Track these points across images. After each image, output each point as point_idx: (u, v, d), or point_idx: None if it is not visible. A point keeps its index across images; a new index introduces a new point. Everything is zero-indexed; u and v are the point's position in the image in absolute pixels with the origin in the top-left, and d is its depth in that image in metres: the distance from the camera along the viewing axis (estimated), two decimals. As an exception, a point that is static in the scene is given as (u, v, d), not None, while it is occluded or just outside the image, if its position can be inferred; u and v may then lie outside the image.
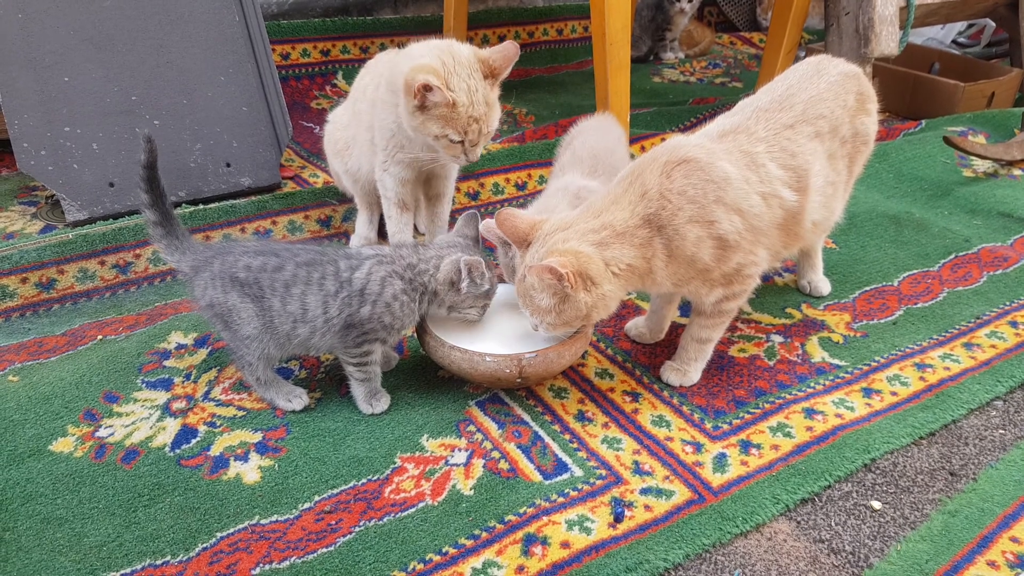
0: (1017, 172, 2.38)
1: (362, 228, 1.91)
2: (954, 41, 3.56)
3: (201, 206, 1.93)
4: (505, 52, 1.52)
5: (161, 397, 1.42)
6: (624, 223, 1.29)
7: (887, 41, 2.37)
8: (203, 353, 1.52)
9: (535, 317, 1.33)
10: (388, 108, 1.60)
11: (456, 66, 1.48)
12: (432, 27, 3.02)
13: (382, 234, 1.87)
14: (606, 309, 1.32)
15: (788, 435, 1.37)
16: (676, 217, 1.29)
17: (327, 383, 1.47)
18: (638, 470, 1.28)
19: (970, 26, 3.45)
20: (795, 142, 1.41)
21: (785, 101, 1.46)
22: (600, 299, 1.29)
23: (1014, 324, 1.68)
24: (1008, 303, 1.75)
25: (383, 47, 2.96)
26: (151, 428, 1.35)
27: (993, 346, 1.61)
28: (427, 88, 1.46)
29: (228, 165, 2.06)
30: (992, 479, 1.30)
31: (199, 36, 2.03)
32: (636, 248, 1.29)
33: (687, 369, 1.48)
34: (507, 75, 1.57)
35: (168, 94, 1.99)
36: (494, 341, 1.41)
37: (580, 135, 1.78)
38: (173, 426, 1.36)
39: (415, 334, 1.46)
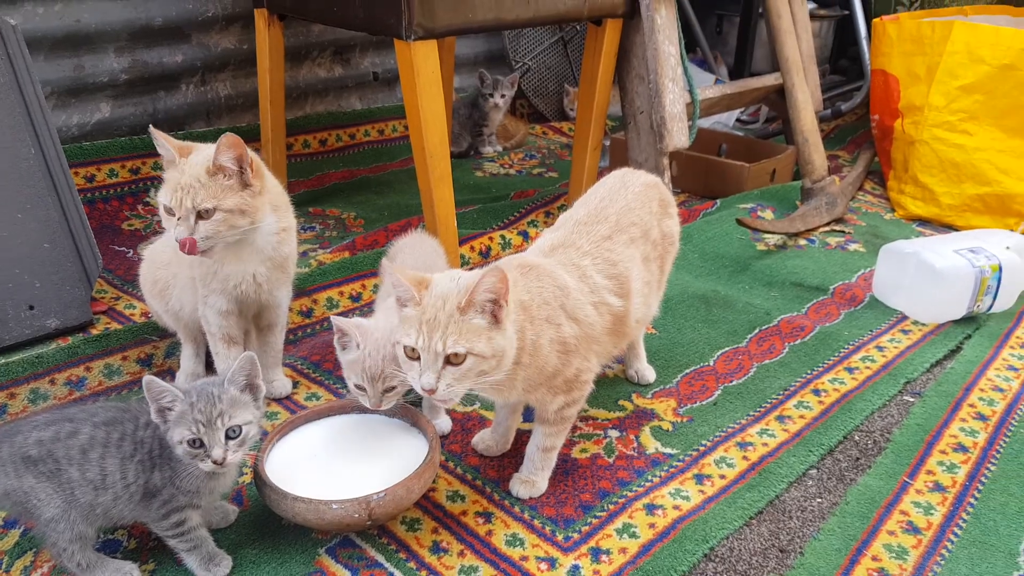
0: (803, 242, 2.60)
1: (188, 363, 1.82)
2: (738, 119, 3.90)
3: (2, 359, 1.76)
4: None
5: (-27, 595, 1.26)
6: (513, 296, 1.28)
7: (678, 135, 2.55)
8: (15, 535, 1.36)
9: (462, 342, 1.18)
10: None
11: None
12: (249, 137, 2.91)
13: (212, 367, 1.77)
14: (503, 367, 1.23)
15: (633, 535, 1.40)
16: (540, 312, 1.32)
17: (160, 551, 1.35)
18: (496, 600, 1.26)
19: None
20: (614, 251, 1.49)
21: (600, 214, 1.54)
22: (509, 343, 1.21)
23: (817, 392, 1.82)
24: (809, 371, 1.89)
25: (202, 162, 2.88)
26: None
27: (802, 416, 1.73)
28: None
29: (31, 308, 1.90)
30: (816, 551, 1.39)
31: (-11, 174, 1.89)
32: (519, 324, 1.27)
33: (535, 480, 1.49)
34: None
35: (-44, 241, 1.82)
36: (337, 481, 1.36)
37: (398, 256, 1.80)
38: (-12, 631, 1.20)
39: (253, 482, 1.39)
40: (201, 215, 1.46)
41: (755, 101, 3.03)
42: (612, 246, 1.49)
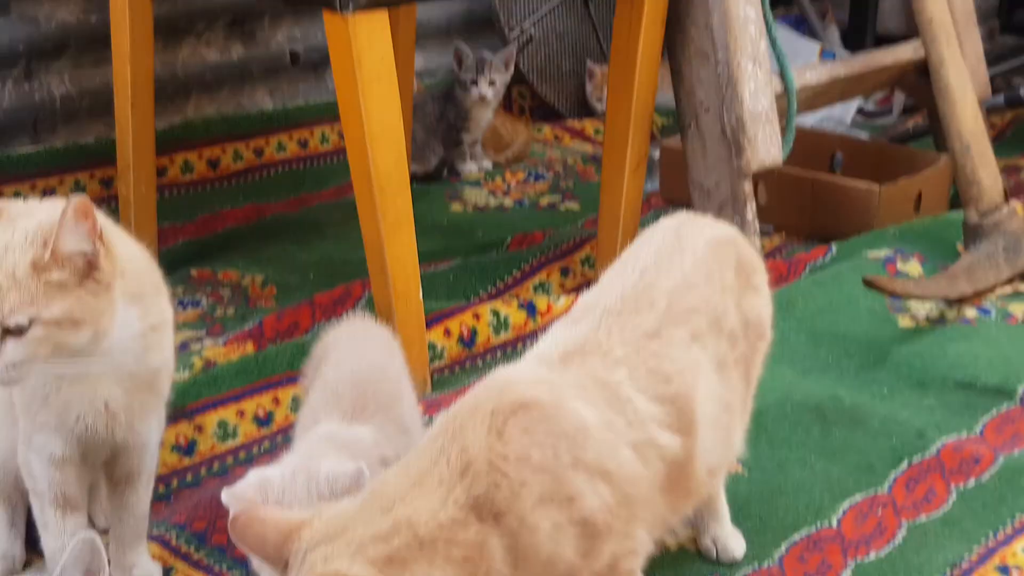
0: (971, 313, 2.58)
1: None
2: (860, 111, 3.91)
3: None
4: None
5: None
6: (433, 519, 1.27)
7: (766, 146, 2.55)
8: None
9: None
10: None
11: None
12: (99, 158, 3.02)
13: (37, 544, 1.73)
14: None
15: None
16: (520, 499, 1.30)
17: None
18: None
19: (874, 90, 3.80)
20: (667, 357, 1.48)
21: (642, 295, 1.53)
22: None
23: (1004, 571, 1.78)
24: (991, 534, 1.86)
25: (21, 197, 2.86)
26: None
27: (985, 613, 1.69)
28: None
29: None
30: None
31: None
32: (458, 565, 1.27)
33: None
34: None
35: None
36: None
37: (329, 356, 1.80)
38: None
39: None
40: (10, 331, 1.44)
41: (885, 84, 3.05)
42: (663, 348, 1.48)
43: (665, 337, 1.49)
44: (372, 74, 2.08)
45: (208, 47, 3.31)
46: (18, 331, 1.43)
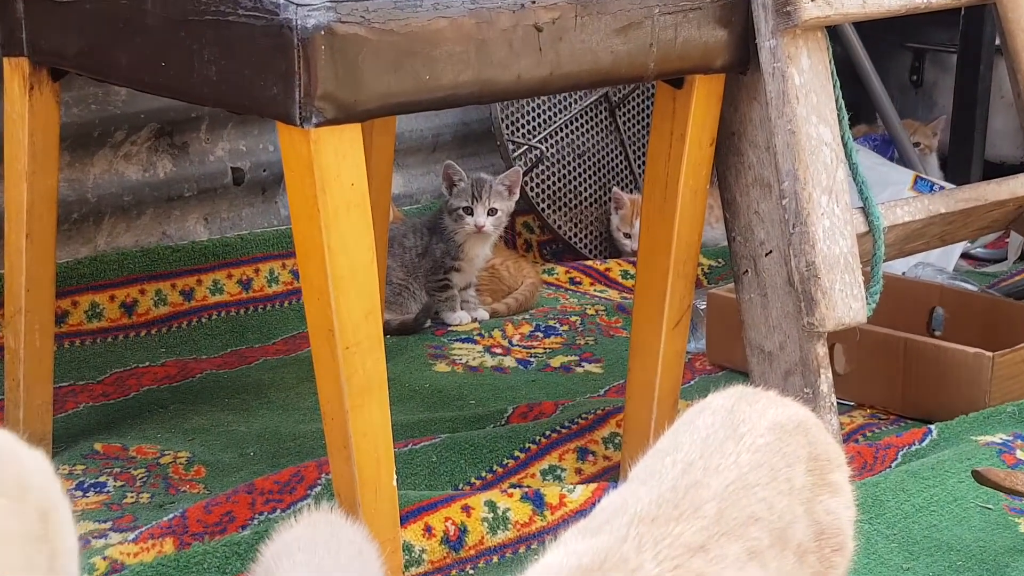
0: (1111, 515, 2.55)
1: None
2: (966, 255, 3.92)
3: None
4: None
5: None
6: None
7: (845, 299, 2.53)
8: None
9: None
10: None
11: None
12: None
13: None
14: None
15: None
16: None
17: None
18: None
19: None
20: None
21: (684, 499, 1.50)
22: None
23: None
24: None
25: None
26: None
27: None
28: None
29: None
30: None
31: None
32: None
33: None
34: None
35: None
36: None
37: (281, 565, 1.76)
38: None
39: None
40: None
41: (998, 225, 3.05)
42: (710, 567, 1.45)
43: (714, 553, 1.47)
44: (339, 203, 2.10)
45: (130, 160, 3.35)
46: None
